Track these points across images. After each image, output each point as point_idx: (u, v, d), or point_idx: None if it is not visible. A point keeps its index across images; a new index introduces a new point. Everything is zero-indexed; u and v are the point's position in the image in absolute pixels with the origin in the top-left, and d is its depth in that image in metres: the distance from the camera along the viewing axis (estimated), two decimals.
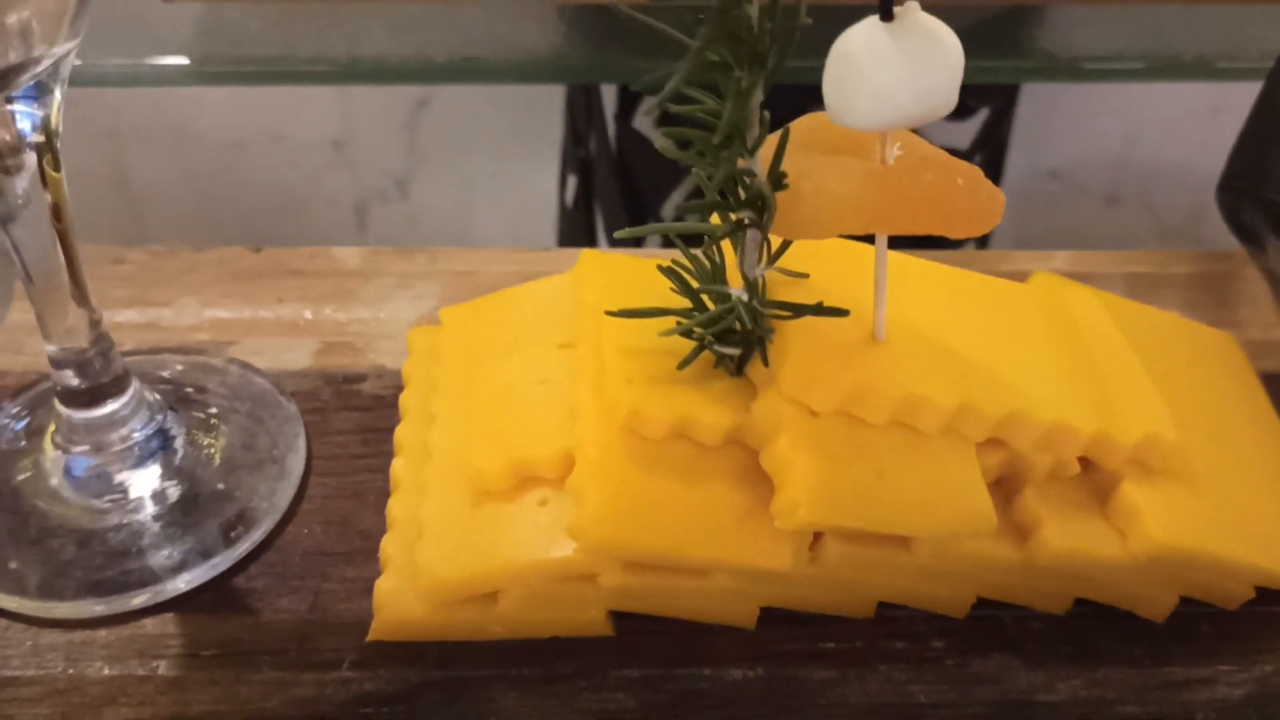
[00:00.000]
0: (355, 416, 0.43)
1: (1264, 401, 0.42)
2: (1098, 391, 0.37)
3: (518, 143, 0.90)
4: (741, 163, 0.31)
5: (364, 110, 0.90)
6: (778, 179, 0.30)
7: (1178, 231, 0.97)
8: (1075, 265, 0.50)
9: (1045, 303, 0.40)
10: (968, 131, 0.75)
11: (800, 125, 0.33)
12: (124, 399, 0.39)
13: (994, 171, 0.75)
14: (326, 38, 0.57)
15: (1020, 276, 0.47)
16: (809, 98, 0.32)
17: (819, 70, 0.30)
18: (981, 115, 0.73)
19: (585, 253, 0.42)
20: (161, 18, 0.56)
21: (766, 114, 0.30)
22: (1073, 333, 0.39)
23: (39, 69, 0.32)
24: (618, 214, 0.71)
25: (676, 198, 0.69)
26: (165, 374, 0.43)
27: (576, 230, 0.76)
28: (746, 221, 0.32)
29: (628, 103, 0.68)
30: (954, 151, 0.77)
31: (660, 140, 0.29)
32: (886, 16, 0.29)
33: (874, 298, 0.35)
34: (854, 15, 0.29)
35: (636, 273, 0.39)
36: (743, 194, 0.32)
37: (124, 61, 0.56)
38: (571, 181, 0.75)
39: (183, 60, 0.56)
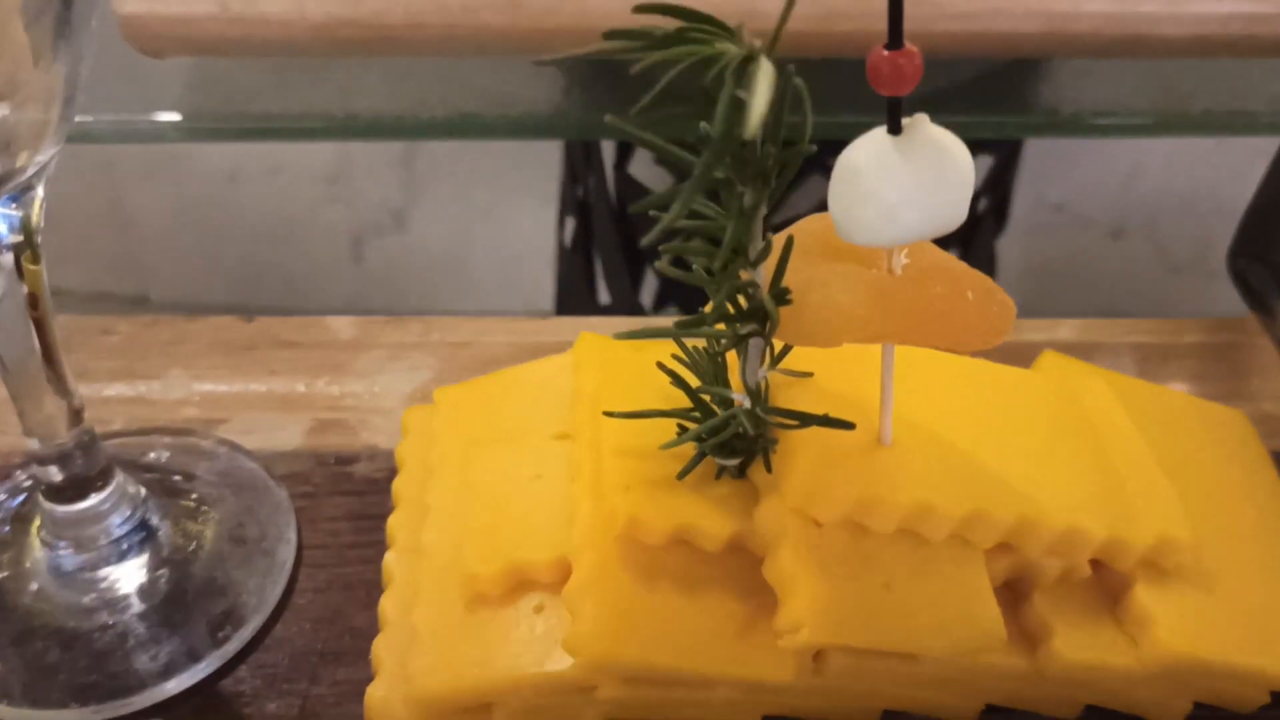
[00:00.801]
0: (347, 502, 0.42)
1: (1277, 486, 0.41)
2: (1110, 489, 0.36)
3: (515, 176, 0.89)
4: (744, 274, 0.30)
5: (360, 143, 0.89)
6: (781, 295, 0.29)
7: (1183, 263, 0.96)
8: (1083, 335, 0.49)
9: (1054, 390, 0.39)
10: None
11: (805, 228, 0.32)
12: (107, 492, 0.38)
13: (999, 214, 0.74)
14: (321, 92, 0.56)
15: (1026, 348, 0.46)
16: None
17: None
18: (987, 160, 0.72)
19: (583, 336, 0.41)
20: (152, 72, 0.55)
21: (770, 236, 0.29)
22: (1083, 424, 0.38)
23: (23, 178, 0.31)
24: (616, 261, 0.70)
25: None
26: (152, 459, 0.42)
27: (574, 274, 0.75)
28: (749, 332, 0.31)
29: (626, 151, 0.67)
30: None
31: (661, 262, 0.28)
32: (894, 129, 0.28)
33: (880, 402, 0.34)
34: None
35: (635, 358, 0.38)
36: (745, 304, 0.31)
37: (114, 118, 0.55)
38: (570, 224, 0.75)
39: (174, 116, 0.55)
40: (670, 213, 0.25)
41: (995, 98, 0.58)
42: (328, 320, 0.49)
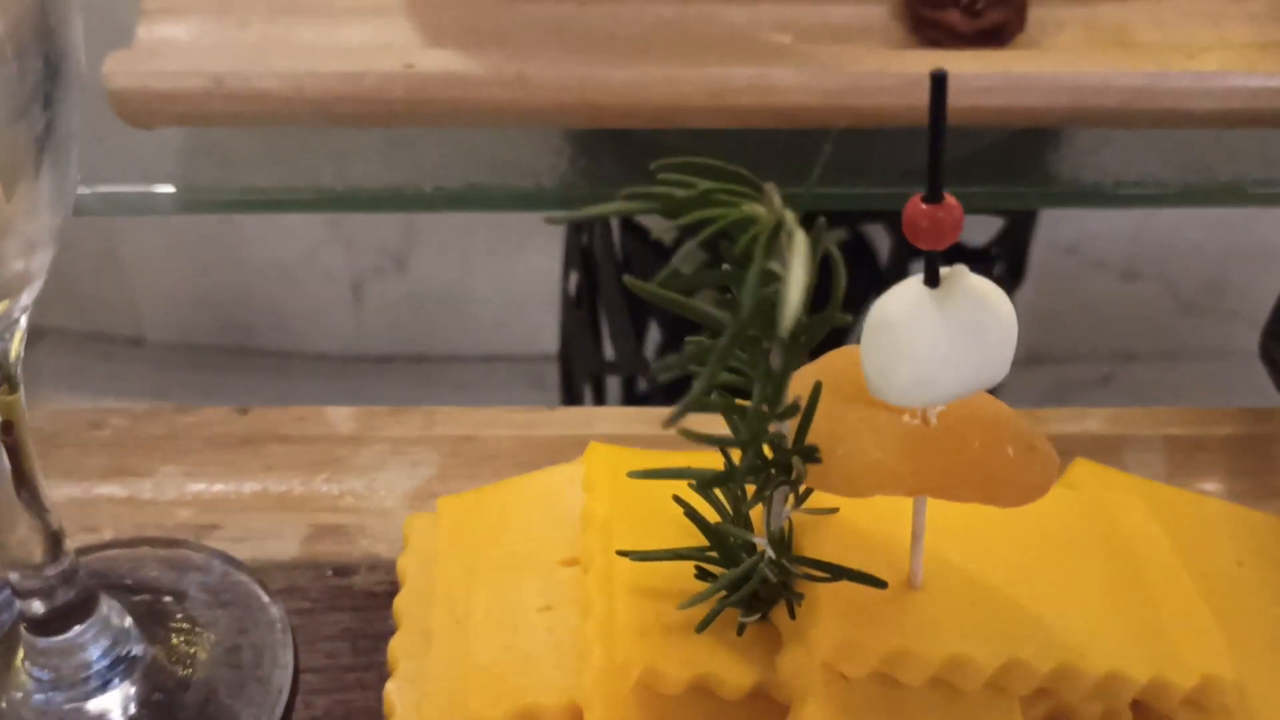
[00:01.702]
0: (346, 618, 0.40)
1: None
2: (1151, 626, 0.34)
3: (517, 217, 0.87)
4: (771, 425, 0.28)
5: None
6: (808, 452, 0.28)
7: (1195, 305, 0.95)
8: (1112, 427, 0.47)
9: (1089, 512, 0.37)
10: (989, 228, 0.72)
11: (834, 365, 0.30)
12: (90, 621, 0.36)
13: (1015, 272, 0.72)
14: (318, 162, 0.54)
15: (1056, 441, 0.44)
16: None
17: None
18: (1002, 220, 0.70)
19: (593, 447, 0.39)
20: (143, 140, 0.53)
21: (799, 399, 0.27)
22: (1121, 550, 0.36)
23: (7, 322, 0.29)
24: (620, 317, 0.68)
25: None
26: (141, 578, 0.40)
27: (579, 326, 0.73)
28: (774, 483, 0.29)
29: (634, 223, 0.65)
30: (972, 250, 0.74)
31: (677, 425, 0.27)
32: (932, 282, 0.26)
33: (911, 542, 0.32)
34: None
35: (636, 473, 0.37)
36: (770, 453, 0.29)
37: (105, 190, 0.53)
38: (574, 276, 0.73)
39: (168, 188, 0.53)
40: (692, 393, 0.23)
41: (1015, 166, 0.56)
42: (326, 411, 0.47)
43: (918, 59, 0.50)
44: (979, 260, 0.70)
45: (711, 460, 0.31)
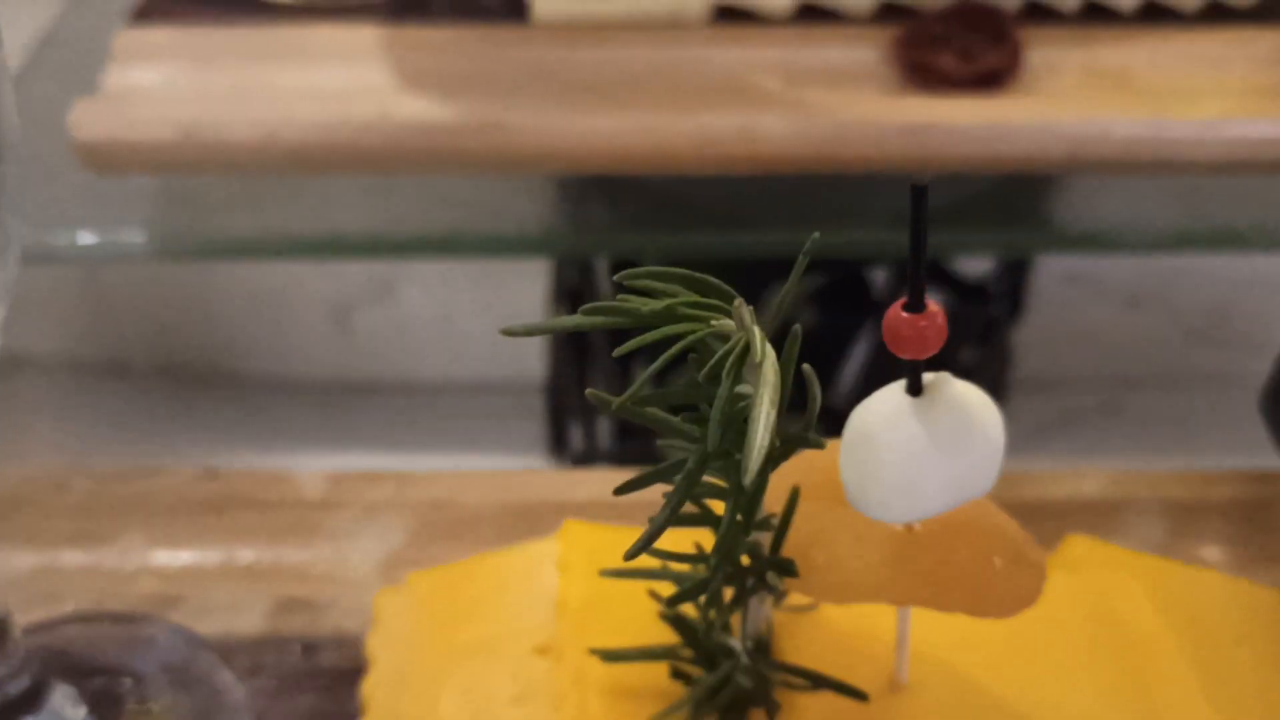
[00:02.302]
0: (311, 700, 0.39)
1: None
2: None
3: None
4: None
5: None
6: (784, 566, 0.26)
7: (1198, 331, 0.93)
8: (1109, 490, 0.46)
9: (1083, 594, 0.36)
10: (985, 260, 0.70)
11: (815, 465, 0.28)
12: (40, 714, 0.35)
13: (1013, 306, 0.71)
14: (295, 208, 0.53)
15: (1048, 503, 0.43)
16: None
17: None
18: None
19: (568, 526, 0.38)
20: (118, 191, 0.52)
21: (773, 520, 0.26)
22: (1117, 639, 0.35)
23: None
24: (608, 361, 0.67)
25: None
26: (98, 659, 0.38)
27: (565, 364, 0.71)
28: (750, 589, 0.28)
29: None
30: (968, 284, 0.72)
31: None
32: (914, 390, 0.25)
33: (897, 639, 0.30)
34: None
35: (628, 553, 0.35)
36: (747, 560, 0.27)
37: (75, 240, 0.51)
38: (561, 313, 0.71)
39: (139, 237, 0.52)
40: (660, 518, 0.22)
41: (1009, 210, 0.54)
42: (297, 476, 0.45)
43: (910, 106, 0.49)
44: (975, 296, 0.68)
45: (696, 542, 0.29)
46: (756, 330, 0.22)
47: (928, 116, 0.48)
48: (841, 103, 0.49)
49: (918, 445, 0.25)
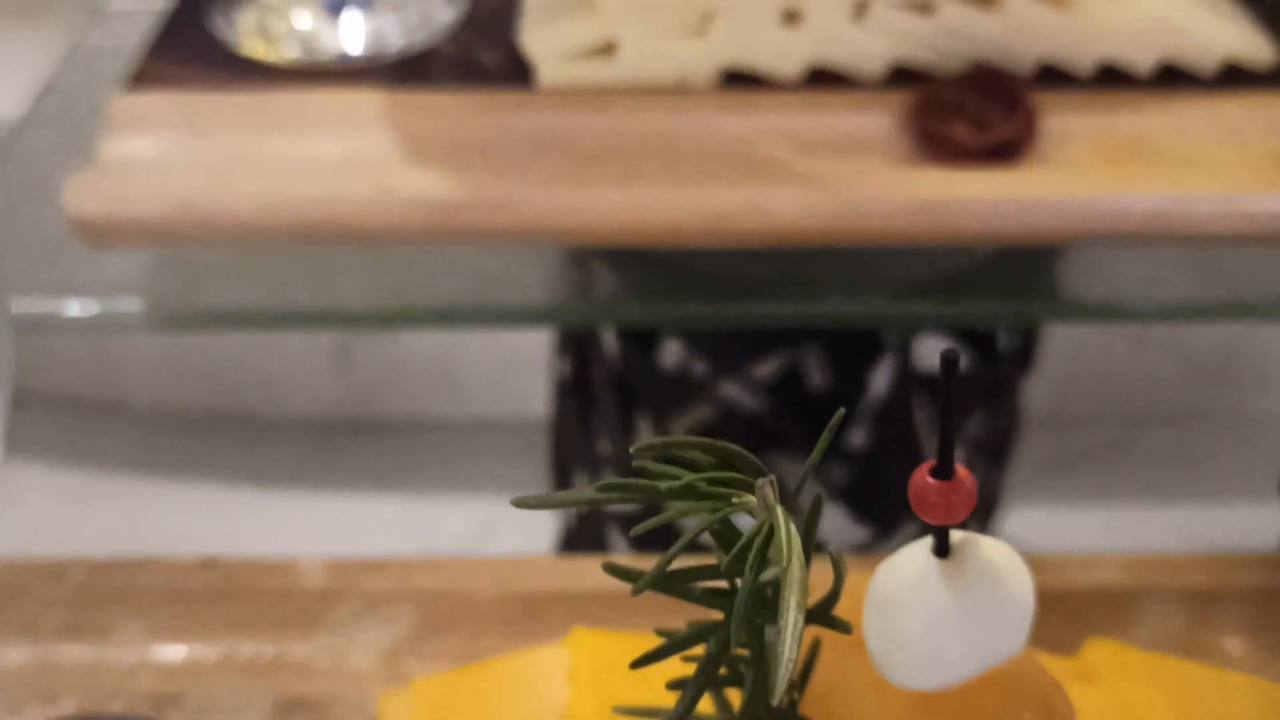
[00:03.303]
0: None
1: None
2: None
3: (507, 280, 0.84)
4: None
5: None
6: None
7: (1208, 373, 0.92)
8: (1127, 576, 0.45)
9: (1104, 705, 0.35)
10: None
11: (839, 608, 0.27)
12: None
13: (1024, 360, 0.70)
14: (293, 278, 0.51)
15: (1067, 592, 0.42)
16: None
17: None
18: None
19: (575, 634, 0.37)
20: (112, 263, 0.51)
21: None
22: None
23: None
24: (614, 413, 0.66)
25: (677, 427, 0.64)
26: None
27: (570, 415, 0.70)
28: None
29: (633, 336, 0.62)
30: (978, 335, 0.71)
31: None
32: (942, 552, 0.24)
33: None
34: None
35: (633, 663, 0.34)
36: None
37: (71, 311, 0.50)
38: (566, 362, 0.70)
39: (135, 307, 0.51)
40: (681, 704, 0.21)
41: (1018, 280, 0.53)
42: (297, 565, 0.44)
43: (922, 179, 0.48)
44: (985, 349, 0.67)
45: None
46: (780, 513, 0.21)
47: (940, 192, 0.47)
48: (852, 175, 0.48)
49: (945, 614, 0.24)
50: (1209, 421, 0.91)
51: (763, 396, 0.63)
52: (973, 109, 0.49)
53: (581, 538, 0.71)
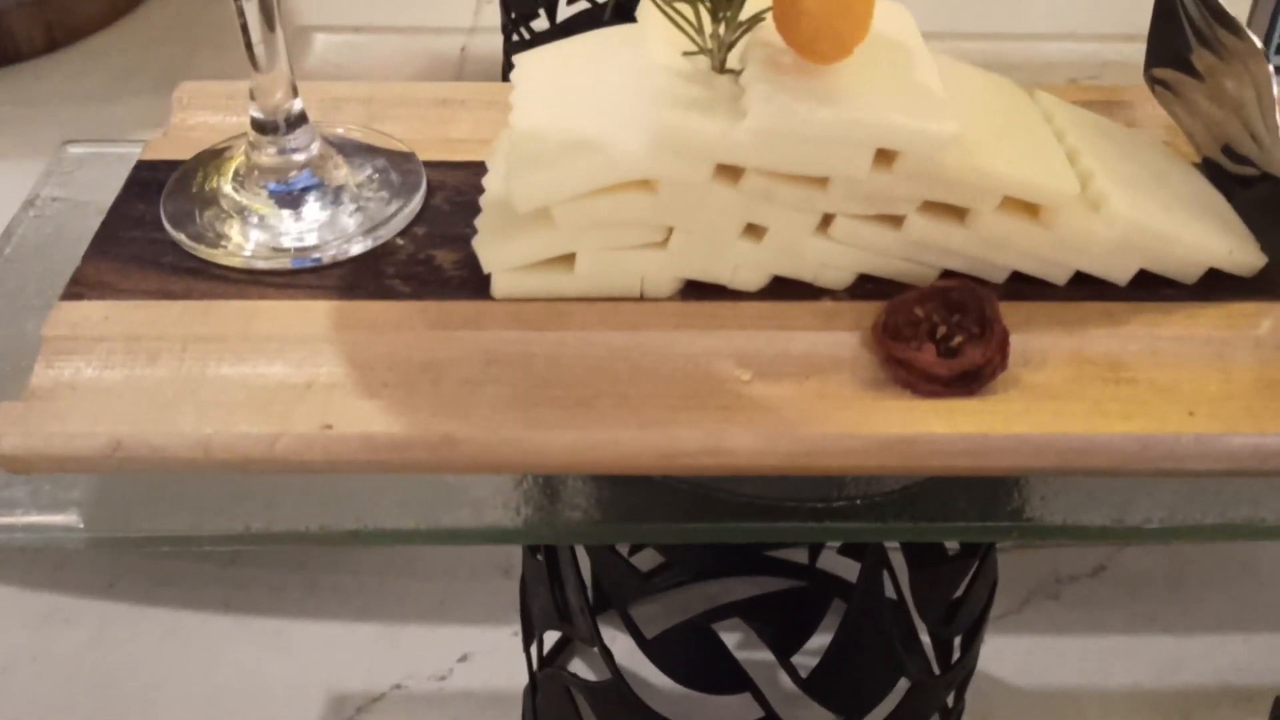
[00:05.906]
0: None
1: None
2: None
3: None
4: None
5: None
6: None
7: (1189, 484, 0.90)
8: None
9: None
10: None
11: None
12: None
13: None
14: (238, 501, 0.49)
15: None
16: None
17: None
18: None
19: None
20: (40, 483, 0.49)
21: None
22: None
23: None
24: (580, 597, 0.63)
25: (653, 609, 0.62)
26: None
27: (537, 579, 0.68)
28: None
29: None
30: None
31: None
32: None
33: None
34: None
35: None
36: None
37: (12, 530, 0.49)
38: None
39: (75, 521, 0.49)
40: None
41: (971, 499, 0.51)
42: None
43: (887, 411, 0.46)
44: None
45: None
46: None
47: (905, 426, 0.45)
48: (813, 406, 0.46)
49: None
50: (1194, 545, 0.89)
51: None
52: (942, 328, 0.47)
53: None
